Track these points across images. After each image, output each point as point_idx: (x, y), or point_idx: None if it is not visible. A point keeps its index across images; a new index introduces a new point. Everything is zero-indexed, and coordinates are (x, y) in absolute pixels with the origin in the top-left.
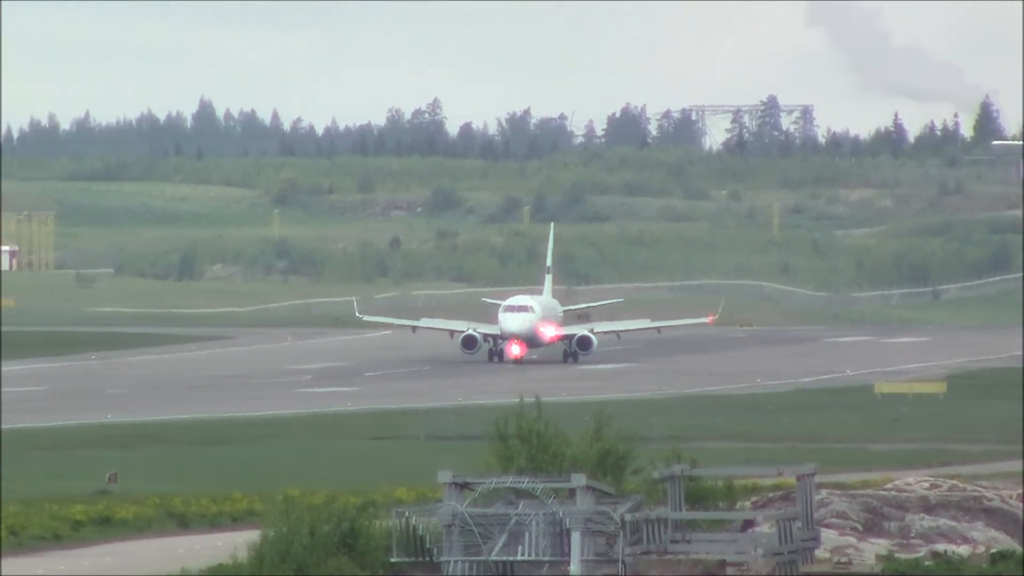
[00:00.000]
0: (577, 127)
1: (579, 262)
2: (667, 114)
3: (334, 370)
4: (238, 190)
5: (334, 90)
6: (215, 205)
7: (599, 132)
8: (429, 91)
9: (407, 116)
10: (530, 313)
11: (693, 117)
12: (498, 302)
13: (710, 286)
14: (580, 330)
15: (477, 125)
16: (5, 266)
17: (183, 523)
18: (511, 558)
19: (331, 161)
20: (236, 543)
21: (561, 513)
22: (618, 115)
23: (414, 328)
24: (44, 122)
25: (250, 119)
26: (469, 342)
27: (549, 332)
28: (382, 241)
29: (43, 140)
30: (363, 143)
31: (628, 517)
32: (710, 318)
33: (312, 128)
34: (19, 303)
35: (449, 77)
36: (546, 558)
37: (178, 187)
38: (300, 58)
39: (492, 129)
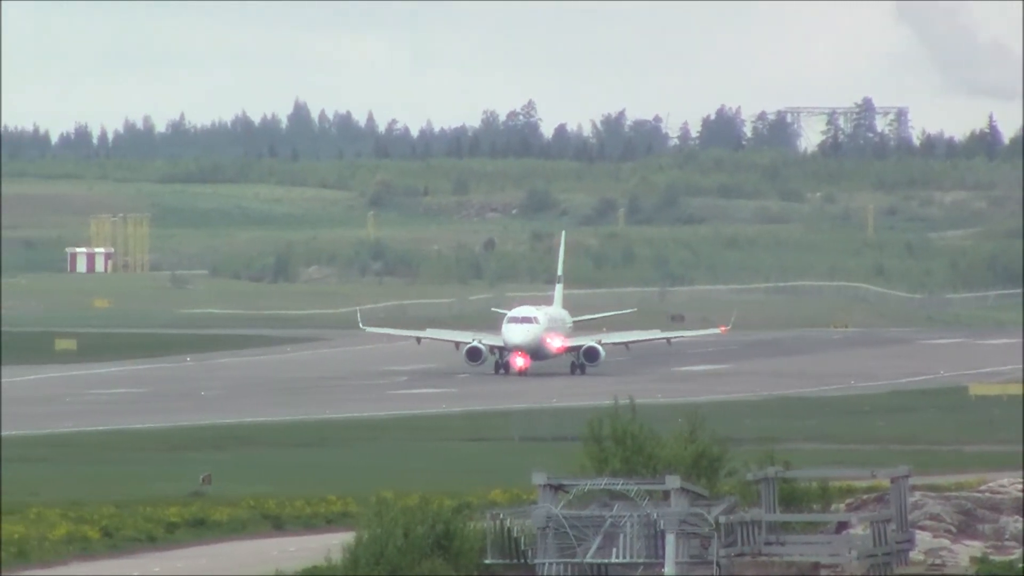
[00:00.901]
0: (672, 129)
1: (673, 264)
2: (762, 116)
3: (429, 372)
4: (333, 192)
5: (429, 92)
6: (310, 207)
7: (694, 134)
8: (524, 93)
9: (502, 118)
10: (534, 324)
11: (788, 119)
12: (505, 311)
13: (804, 288)
14: (588, 341)
15: (572, 127)
16: (100, 268)
17: (277, 525)
18: (605, 560)
19: (426, 163)
20: (330, 545)
21: (656, 515)
22: (713, 117)
23: (419, 339)
24: (139, 124)
25: (345, 121)
26: (474, 354)
27: (555, 343)
28: (476, 243)
29: (139, 142)
30: (458, 145)
31: (722, 519)
32: (722, 328)
33: (407, 130)
34: (114, 304)
35: (544, 78)
36: (640, 560)
37: (273, 189)
38: (395, 60)
39: (587, 131)
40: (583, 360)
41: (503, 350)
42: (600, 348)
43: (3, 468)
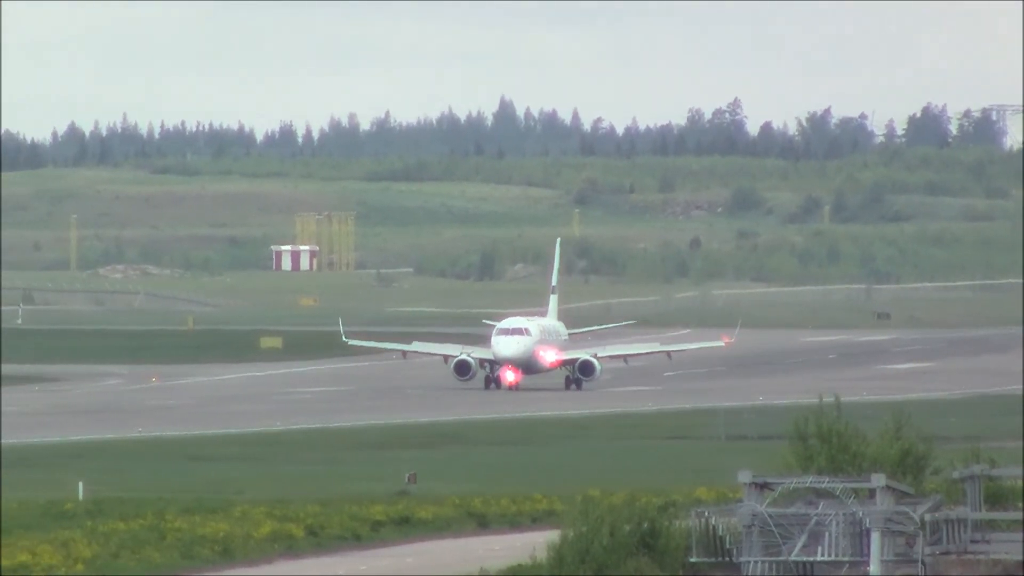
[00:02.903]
0: (877, 126)
1: (879, 262)
2: (967, 113)
3: (635, 370)
4: (538, 190)
5: (634, 89)
6: (515, 205)
7: (899, 131)
8: (729, 90)
9: (707, 116)
10: (525, 336)
11: (994, 116)
12: (494, 323)
13: (1011, 286)
14: (583, 355)
15: (777, 124)
16: (305, 266)
17: (482, 523)
18: (810, 559)
19: (631, 161)
20: (535, 543)
21: (861, 513)
22: (919, 115)
23: (404, 353)
24: (344, 122)
25: (550, 118)
26: (462, 368)
27: (549, 357)
28: (682, 241)
29: (344, 140)
30: (663, 143)
31: (928, 517)
32: (725, 340)
33: (612, 128)
34: (320, 302)
35: (749, 76)
36: (845, 558)
37: (478, 187)
38: (601, 58)
39: (792, 129)
40: (578, 375)
41: (493, 364)
42: (596, 362)
43: (207, 467)
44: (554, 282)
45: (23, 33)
